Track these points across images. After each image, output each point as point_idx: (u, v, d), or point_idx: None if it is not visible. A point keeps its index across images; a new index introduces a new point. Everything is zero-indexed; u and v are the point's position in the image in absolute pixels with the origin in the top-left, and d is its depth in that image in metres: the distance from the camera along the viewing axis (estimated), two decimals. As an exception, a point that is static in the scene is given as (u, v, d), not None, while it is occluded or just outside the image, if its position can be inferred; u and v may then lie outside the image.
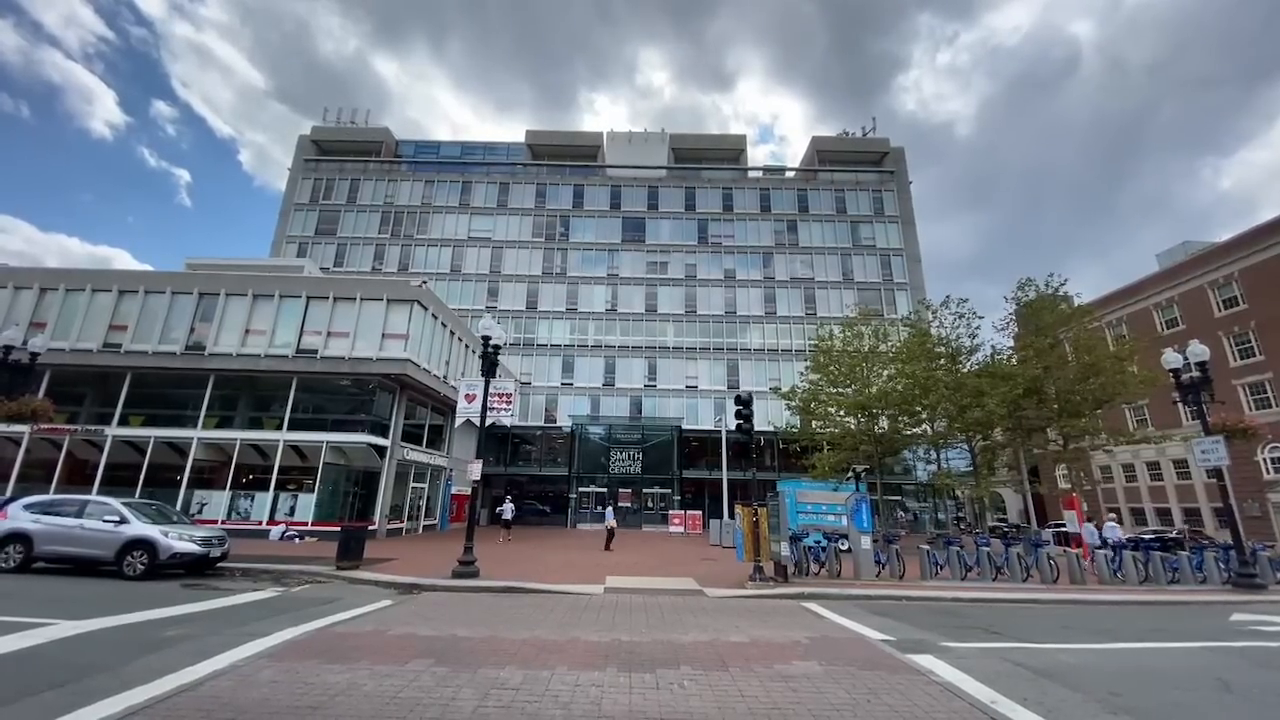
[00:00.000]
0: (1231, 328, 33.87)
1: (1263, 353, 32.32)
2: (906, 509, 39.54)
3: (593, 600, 10.27)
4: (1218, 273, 35.30)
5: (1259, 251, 33.03)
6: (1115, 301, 41.26)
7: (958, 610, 10.42)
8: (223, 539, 12.87)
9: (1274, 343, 31.75)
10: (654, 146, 53.40)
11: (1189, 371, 14.64)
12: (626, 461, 37.10)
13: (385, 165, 52.83)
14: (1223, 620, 9.80)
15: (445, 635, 7.38)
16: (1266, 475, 31.32)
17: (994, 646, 7.43)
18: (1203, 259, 37.06)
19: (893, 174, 51.12)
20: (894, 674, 5.98)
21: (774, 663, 6.25)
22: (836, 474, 25.67)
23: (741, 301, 47.02)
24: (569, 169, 51.90)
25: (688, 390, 44.25)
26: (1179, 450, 33.96)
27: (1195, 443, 14.64)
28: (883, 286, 47.17)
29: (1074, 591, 12.44)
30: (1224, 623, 9.55)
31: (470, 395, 12.75)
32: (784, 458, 38.81)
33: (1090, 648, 7.59)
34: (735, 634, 7.71)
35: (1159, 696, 5.50)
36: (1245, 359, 33.13)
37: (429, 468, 26.50)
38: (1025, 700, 5.19)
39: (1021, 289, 24.64)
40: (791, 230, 49.11)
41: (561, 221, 49.42)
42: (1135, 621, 9.64)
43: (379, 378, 21.97)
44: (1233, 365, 33.01)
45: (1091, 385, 22.17)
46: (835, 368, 26.96)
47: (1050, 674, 6.15)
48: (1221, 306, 34.97)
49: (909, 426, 26.36)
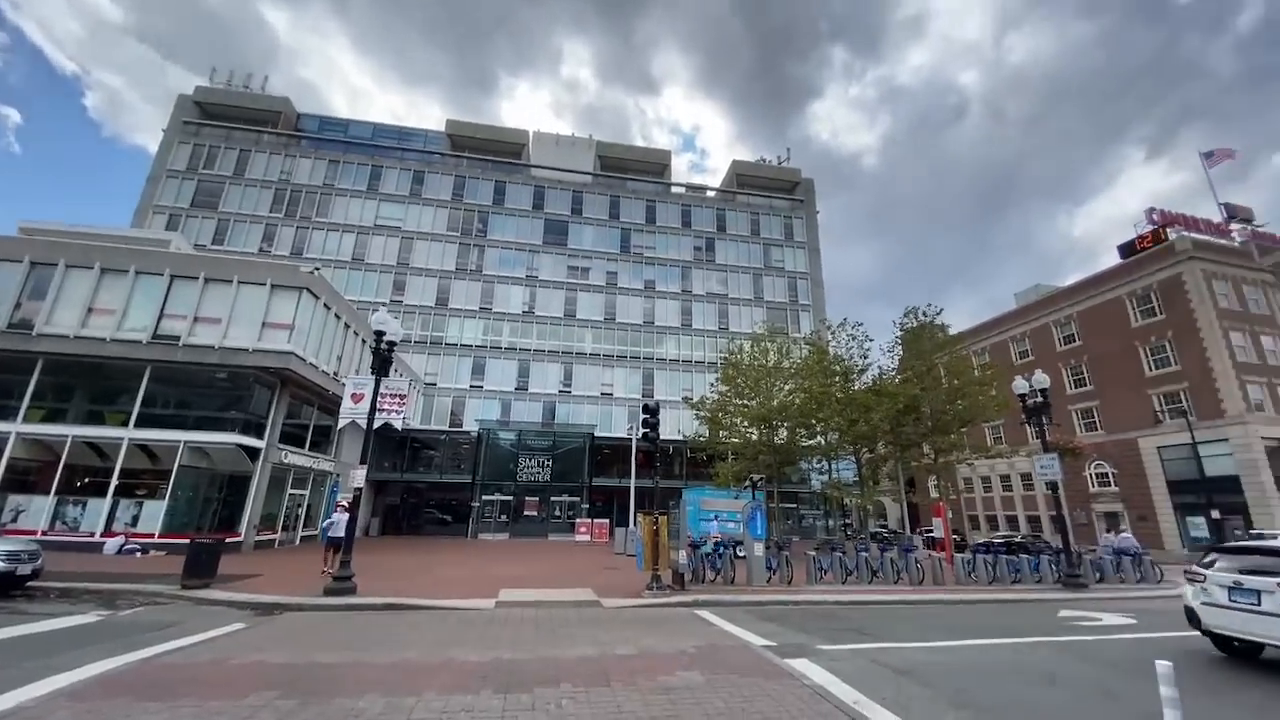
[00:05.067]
0: (1069, 361, 39.62)
1: (1092, 383, 38.11)
2: (800, 516, 41.98)
3: (480, 615, 9.74)
4: (1060, 313, 41.24)
5: (1091, 298, 39.11)
6: (982, 332, 46.83)
7: (836, 613, 11.06)
8: (36, 553, 10.79)
9: (1101, 375, 37.55)
10: (581, 152, 53.17)
11: (1034, 397, 16.79)
12: (535, 469, 36.13)
13: (283, 139, 48.07)
14: (1052, 616, 11.19)
15: (301, 662, 6.61)
16: (1091, 488, 36.78)
17: (863, 648, 7.92)
18: (1049, 300, 43.21)
19: (803, 203, 54.67)
20: (770, 680, 6.15)
21: (658, 674, 6.20)
22: (737, 482, 26.66)
23: (660, 312, 47.83)
24: (492, 165, 50.23)
25: (603, 397, 44.14)
26: (1026, 465, 38.98)
27: (1036, 459, 16.79)
28: (789, 307, 50.10)
29: (936, 592, 13.71)
30: (1053, 619, 10.91)
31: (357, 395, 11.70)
32: (691, 466, 39.74)
33: (944, 645, 8.32)
34: (624, 646, 7.60)
35: (996, 691, 6.09)
36: (1079, 388, 38.83)
37: (311, 473, 24.15)
38: (884, 700, 5.52)
39: (906, 316, 27.15)
40: (710, 248, 50.85)
41: (480, 218, 47.63)
42: (983, 619, 10.75)
43: (256, 371, 19.72)
44: (1069, 393, 38.53)
45: (959, 405, 24.83)
46: (742, 380, 28.11)
47: (908, 672, 6.62)
48: (1062, 342, 40.84)
49: (805, 438, 28.05)
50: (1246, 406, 30.57)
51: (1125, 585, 15.87)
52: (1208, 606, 7.56)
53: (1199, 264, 33.69)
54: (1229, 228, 37.22)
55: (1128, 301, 36.75)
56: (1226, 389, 30.99)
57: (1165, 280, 34.69)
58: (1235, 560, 7.69)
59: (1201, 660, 7.62)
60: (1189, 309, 33.12)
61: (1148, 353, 35.06)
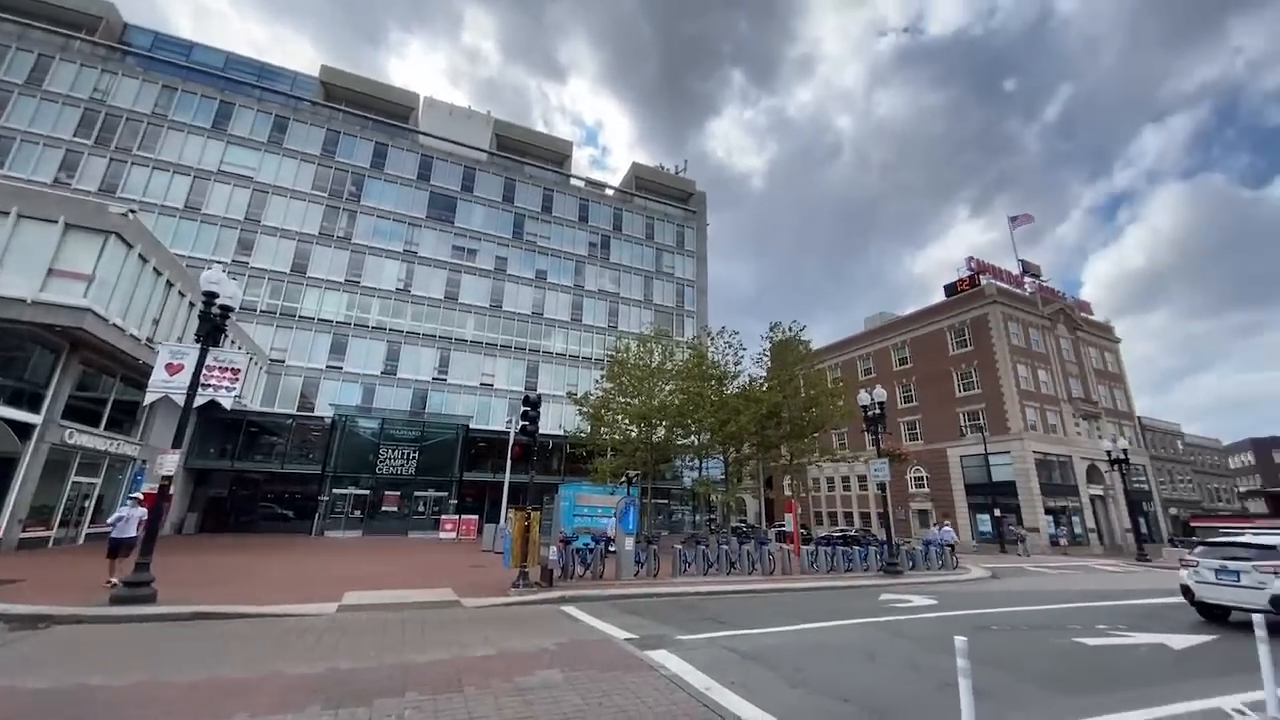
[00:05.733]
0: (902, 379, 46.09)
1: (917, 400, 44.71)
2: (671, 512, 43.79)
3: (317, 622, 8.70)
4: (897, 338, 47.90)
5: (922, 327, 45.94)
6: (836, 350, 52.71)
7: (697, 604, 11.63)
8: None
9: (924, 394, 44.17)
10: (477, 127, 50.30)
11: (873, 409, 19.15)
12: (399, 461, 33.35)
13: (101, 51, 39.16)
14: (875, 600, 12.80)
15: (68, 686, 5.36)
16: (910, 490, 43.06)
17: (718, 636, 8.38)
18: (890, 327, 49.99)
19: (695, 213, 57.10)
20: (629, 673, 6.23)
21: (515, 675, 5.98)
22: (614, 479, 27.04)
23: (551, 304, 46.86)
24: (373, 124, 45.47)
25: (482, 388, 42.17)
26: (863, 469, 44.52)
27: (871, 463, 19.18)
28: (675, 311, 52.01)
29: (785, 581, 15.04)
30: (876, 602, 12.48)
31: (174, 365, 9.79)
32: (570, 462, 39.48)
33: (788, 629, 9.10)
34: (482, 647, 7.24)
35: (828, 668, 6.77)
36: (907, 403, 45.29)
37: (108, 457, 19.95)
38: (733, 684, 5.86)
39: (774, 330, 29.57)
40: (605, 245, 50.97)
41: (354, 180, 42.89)
42: (821, 604, 11.98)
43: (34, 329, 15.80)
44: (900, 407, 44.75)
45: (813, 413, 27.59)
46: (627, 379, 28.57)
47: (755, 656, 7.13)
48: (898, 363, 47.41)
49: (681, 437, 29.30)
50: (1024, 426, 37.83)
51: (931, 572, 18.71)
52: (1200, 584, 9.91)
53: (1000, 307, 41.03)
54: (1023, 280, 45.81)
55: (948, 333, 43.64)
56: (1012, 411, 38.07)
57: (975, 318, 41.75)
58: (1218, 551, 10.06)
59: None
60: (990, 343, 40.18)
61: (959, 377, 41.93)
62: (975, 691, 3.76)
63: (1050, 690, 5.89)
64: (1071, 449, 39.49)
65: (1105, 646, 8.14)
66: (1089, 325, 48.60)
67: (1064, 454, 38.95)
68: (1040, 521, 35.09)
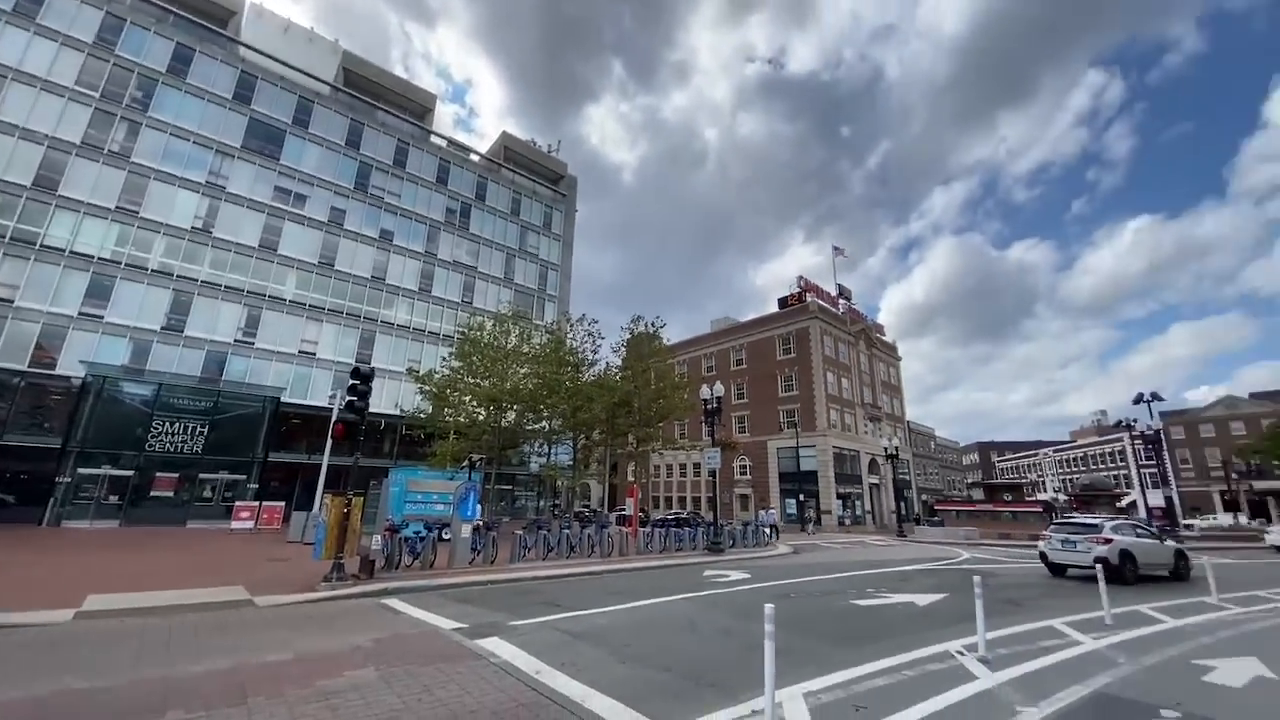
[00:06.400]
0: (738, 378, 50.96)
1: (748, 397, 49.86)
2: (515, 497, 42.93)
3: (41, 635, 6.78)
4: (735, 341, 52.93)
5: (758, 333, 51.37)
6: (686, 347, 56.33)
7: (535, 588, 11.52)
8: None
9: (755, 392, 49.40)
10: (321, 54, 43.20)
11: (712, 403, 20.80)
12: (180, 436, 27.50)
13: None
14: (699, 575, 13.94)
15: None
16: (735, 476, 47.85)
17: (551, 619, 8.38)
18: (731, 330, 55.00)
19: (565, 196, 56.15)
20: (455, 664, 5.92)
21: (318, 679, 5.29)
22: (456, 463, 25.61)
23: (395, 269, 42.34)
24: (176, 20, 36.48)
25: (301, 356, 36.62)
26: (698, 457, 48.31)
27: (706, 451, 20.85)
28: (537, 293, 50.72)
29: (621, 562, 15.65)
30: (699, 577, 13.59)
31: None
32: (405, 445, 36.45)
33: (618, 608, 9.45)
34: (277, 651, 6.29)
35: (653, 641, 7.16)
36: (740, 400, 50.20)
37: None
38: (563, 665, 5.89)
39: (635, 322, 30.57)
40: (465, 214, 47.59)
41: (142, 84, 34.01)
42: (651, 582, 12.68)
43: None
44: (734, 403, 49.42)
45: (661, 404, 29.14)
46: (479, 358, 27.13)
47: (586, 636, 7.26)
48: (734, 363, 52.34)
49: (532, 422, 28.78)
50: (829, 424, 44.36)
51: (749, 549, 20.98)
52: (1051, 550, 14.24)
53: (818, 322, 47.50)
54: (839, 301, 53.58)
55: (777, 341, 49.34)
56: (820, 411, 44.36)
57: (799, 330, 47.82)
58: (1062, 529, 14.43)
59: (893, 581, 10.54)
60: (808, 353, 46.35)
61: (782, 379, 47.69)
62: (776, 651, 4.25)
63: (833, 645, 6.96)
64: (860, 445, 47.42)
65: (872, 606, 9.89)
66: (881, 345, 58.74)
67: (854, 449, 46.61)
68: (833, 505, 41.60)
